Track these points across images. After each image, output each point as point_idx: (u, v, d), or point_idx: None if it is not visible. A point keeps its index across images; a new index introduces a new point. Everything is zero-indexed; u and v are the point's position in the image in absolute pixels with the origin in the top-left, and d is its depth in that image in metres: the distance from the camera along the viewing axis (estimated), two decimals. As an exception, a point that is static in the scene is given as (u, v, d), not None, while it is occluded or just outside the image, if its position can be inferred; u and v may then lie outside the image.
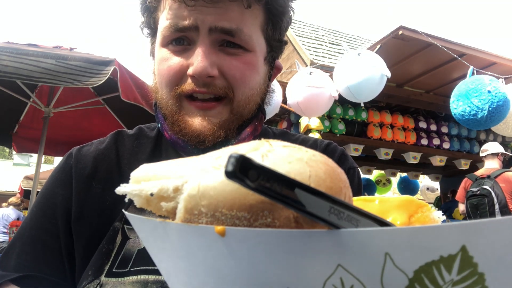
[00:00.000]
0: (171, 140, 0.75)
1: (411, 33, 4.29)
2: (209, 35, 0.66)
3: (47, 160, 23.52)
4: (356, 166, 0.82)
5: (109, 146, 0.77)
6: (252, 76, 0.70)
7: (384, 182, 8.66)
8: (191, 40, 0.67)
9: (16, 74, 2.74)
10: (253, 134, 0.77)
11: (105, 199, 0.70)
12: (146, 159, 0.76)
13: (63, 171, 0.74)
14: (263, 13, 0.71)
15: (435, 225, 0.24)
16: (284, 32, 0.77)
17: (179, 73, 0.68)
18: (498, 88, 3.60)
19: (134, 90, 3.22)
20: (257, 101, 0.74)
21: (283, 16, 0.73)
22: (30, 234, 0.69)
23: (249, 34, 0.68)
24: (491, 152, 4.64)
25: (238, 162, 0.23)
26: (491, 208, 4.28)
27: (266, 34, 0.73)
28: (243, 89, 0.69)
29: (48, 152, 4.85)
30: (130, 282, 0.61)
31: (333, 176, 0.30)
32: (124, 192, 0.34)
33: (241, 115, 0.71)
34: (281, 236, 0.25)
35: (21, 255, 0.67)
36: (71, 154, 0.76)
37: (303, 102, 4.05)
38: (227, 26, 0.65)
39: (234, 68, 0.67)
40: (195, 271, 0.30)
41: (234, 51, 0.68)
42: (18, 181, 11.50)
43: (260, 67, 0.72)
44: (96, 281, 0.62)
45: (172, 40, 0.68)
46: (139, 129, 0.83)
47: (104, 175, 0.73)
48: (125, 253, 0.65)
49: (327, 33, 8.45)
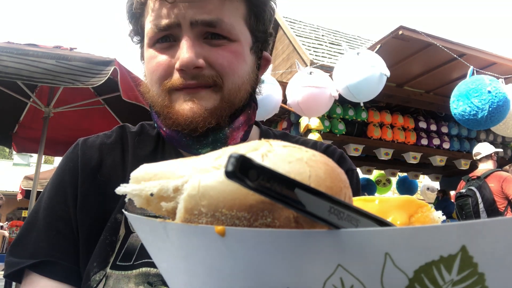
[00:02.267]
0: (168, 136, 0.76)
1: (411, 33, 4.29)
2: (192, 29, 0.67)
3: (47, 160, 23.53)
4: (354, 168, 0.84)
5: (115, 141, 0.79)
6: (239, 64, 0.71)
7: (384, 182, 8.66)
8: (175, 37, 0.69)
9: (16, 74, 2.74)
10: (247, 124, 0.78)
11: (107, 191, 0.71)
12: (146, 156, 0.77)
13: (71, 160, 0.75)
14: (244, 5, 0.72)
15: (435, 225, 0.24)
16: (269, 23, 0.79)
17: (167, 69, 0.69)
18: (498, 88, 3.60)
19: (134, 89, 3.23)
20: (248, 89, 0.75)
21: (265, 6, 0.75)
22: (44, 222, 0.70)
23: (231, 24, 0.69)
24: (485, 155, 4.67)
25: (238, 162, 0.23)
26: (475, 207, 4.34)
27: (250, 25, 0.74)
28: (231, 77, 0.71)
29: (48, 152, 4.85)
30: (134, 275, 0.63)
31: (333, 176, 0.30)
32: (124, 192, 0.34)
33: (233, 103, 0.72)
34: (281, 236, 0.25)
35: (37, 243, 0.69)
36: (78, 144, 0.78)
37: (303, 102, 4.05)
38: (207, 18, 0.67)
39: (221, 57, 0.69)
40: (195, 271, 0.30)
41: (219, 42, 0.69)
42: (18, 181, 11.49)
43: (246, 56, 0.74)
44: (102, 272, 0.64)
45: (157, 39, 0.70)
46: (141, 126, 0.85)
47: (108, 169, 0.75)
48: (129, 247, 0.66)
49: (327, 33, 8.45)
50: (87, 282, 0.64)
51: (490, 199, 4.30)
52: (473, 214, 4.33)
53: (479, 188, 4.38)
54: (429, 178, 8.79)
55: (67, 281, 0.67)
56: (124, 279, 0.63)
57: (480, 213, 4.31)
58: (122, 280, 0.63)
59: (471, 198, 4.40)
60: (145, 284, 0.63)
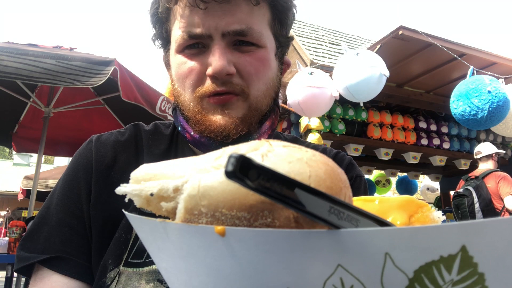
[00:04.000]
0: (194, 140, 0.76)
1: (411, 33, 4.29)
2: (223, 39, 0.69)
3: (47, 160, 23.53)
4: (363, 175, 0.85)
5: (129, 139, 0.80)
6: (265, 71, 0.74)
7: (384, 183, 8.66)
8: (205, 44, 0.71)
9: (16, 74, 2.74)
10: (271, 128, 0.80)
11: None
12: (161, 154, 0.78)
13: (84, 157, 0.76)
14: (269, 11, 0.75)
15: (435, 225, 0.24)
16: (290, 28, 0.81)
17: (199, 74, 0.71)
18: (498, 88, 3.60)
19: (134, 89, 3.23)
20: (272, 95, 0.78)
21: (288, 12, 0.77)
22: (57, 218, 0.71)
23: (260, 31, 0.71)
24: (485, 154, 4.67)
25: (238, 162, 0.23)
26: (471, 207, 4.36)
27: (274, 30, 0.77)
28: (257, 84, 0.73)
29: (48, 152, 4.86)
30: (145, 272, 0.65)
31: (333, 176, 0.30)
32: (124, 192, 0.34)
33: (260, 109, 0.75)
34: (281, 236, 0.25)
35: (49, 238, 0.69)
36: (91, 141, 0.78)
37: (304, 102, 4.05)
38: (238, 28, 0.69)
39: (248, 64, 0.71)
40: (195, 271, 0.30)
41: (247, 49, 0.71)
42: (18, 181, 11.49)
43: (272, 62, 0.76)
44: (116, 269, 0.65)
45: (187, 46, 0.71)
46: (154, 125, 0.86)
47: (122, 166, 0.75)
48: (141, 244, 0.67)
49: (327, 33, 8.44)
50: (102, 279, 0.65)
51: (487, 199, 4.31)
52: (469, 213, 4.36)
53: (476, 188, 4.39)
54: (429, 178, 8.78)
55: (78, 277, 0.67)
56: (135, 276, 0.64)
57: (476, 213, 4.33)
58: (133, 277, 0.64)
59: (467, 197, 4.41)
60: (155, 282, 0.64)
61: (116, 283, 0.64)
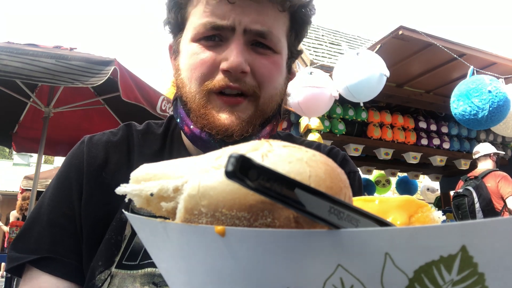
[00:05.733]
0: (192, 134, 0.74)
1: (411, 33, 4.28)
2: (243, 35, 0.69)
3: (47, 160, 23.52)
4: (357, 170, 0.85)
5: (121, 139, 0.79)
6: (277, 76, 0.74)
7: (384, 183, 8.65)
8: (223, 37, 0.70)
9: (16, 73, 2.74)
10: (270, 134, 0.80)
11: (112, 189, 0.71)
12: (152, 154, 0.78)
13: (76, 157, 0.75)
14: (289, 20, 0.75)
15: (435, 225, 0.24)
16: (301, 42, 0.82)
17: (211, 67, 0.70)
18: (498, 88, 3.60)
19: (134, 89, 3.22)
20: (278, 101, 0.78)
21: (306, 26, 0.79)
22: (48, 218, 0.71)
23: (278, 37, 0.72)
24: (483, 154, 4.68)
25: (238, 162, 0.23)
26: (471, 207, 4.36)
27: (289, 40, 0.78)
28: (268, 87, 0.73)
29: (48, 152, 4.85)
30: (140, 275, 0.64)
31: (333, 176, 0.30)
32: (124, 192, 0.34)
33: (265, 112, 0.74)
34: (281, 236, 0.25)
35: (40, 239, 0.69)
36: (84, 141, 0.78)
37: (304, 102, 4.05)
38: (260, 29, 0.69)
39: (263, 66, 0.71)
40: (195, 271, 0.30)
41: (264, 51, 0.72)
42: (18, 181, 11.49)
43: (284, 69, 0.77)
44: (107, 271, 0.64)
45: (204, 36, 0.70)
46: (147, 124, 0.85)
47: (114, 167, 0.75)
48: (135, 246, 0.67)
49: (327, 33, 8.44)
50: (92, 281, 0.64)
51: (487, 198, 4.31)
52: (469, 213, 4.36)
53: (476, 188, 4.40)
54: (429, 178, 8.78)
55: (67, 278, 0.67)
56: (129, 278, 0.64)
57: (476, 213, 4.33)
58: (127, 279, 0.64)
59: (467, 197, 4.42)
60: (151, 285, 0.63)
61: (108, 285, 0.63)
